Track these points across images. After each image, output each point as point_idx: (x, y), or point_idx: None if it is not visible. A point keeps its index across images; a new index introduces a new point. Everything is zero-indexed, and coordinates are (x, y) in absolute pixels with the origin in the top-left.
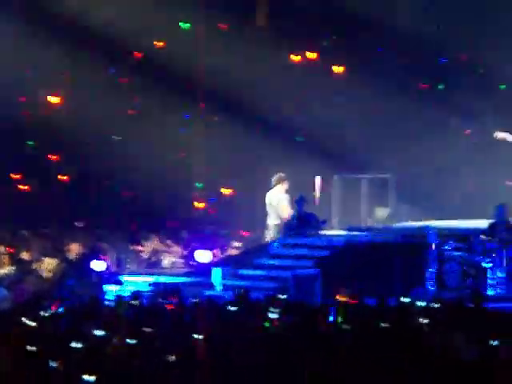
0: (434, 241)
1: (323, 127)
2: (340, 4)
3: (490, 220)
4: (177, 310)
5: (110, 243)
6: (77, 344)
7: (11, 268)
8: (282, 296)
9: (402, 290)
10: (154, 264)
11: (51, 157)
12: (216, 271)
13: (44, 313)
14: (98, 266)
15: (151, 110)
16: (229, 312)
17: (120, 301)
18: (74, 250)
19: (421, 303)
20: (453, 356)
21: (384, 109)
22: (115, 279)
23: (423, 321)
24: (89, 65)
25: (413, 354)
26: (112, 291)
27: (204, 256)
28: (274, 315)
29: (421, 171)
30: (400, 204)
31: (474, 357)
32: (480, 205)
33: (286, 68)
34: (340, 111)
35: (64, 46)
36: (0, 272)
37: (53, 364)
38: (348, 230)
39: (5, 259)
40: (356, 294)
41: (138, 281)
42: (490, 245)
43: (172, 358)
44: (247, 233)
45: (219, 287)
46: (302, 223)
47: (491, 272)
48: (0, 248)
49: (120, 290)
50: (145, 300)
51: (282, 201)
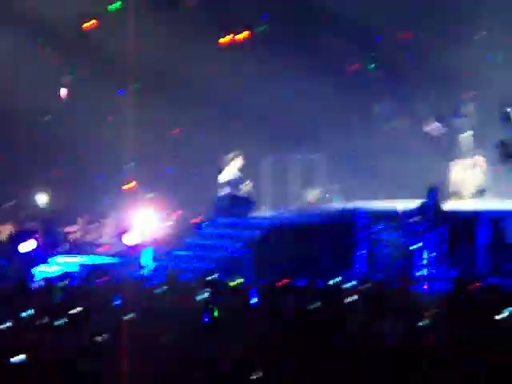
0: (364, 222)
1: (254, 109)
2: None
3: (420, 201)
4: (105, 291)
5: (40, 224)
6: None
7: None
8: (213, 276)
9: (332, 271)
10: (84, 245)
11: None
12: (146, 252)
13: None
14: (28, 247)
15: (81, 88)
16: (157, 292)
17: (48, 281)
18: (5, 231)
19: (350, 284)
20: (376, 341)
21: (315, 91)
22: (45, 260)
23: (351, 301)
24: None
25: (336, 337)
26: (41, 272)
27: (131, 238)
28: (205, 295)
29: (351, 153)
30: (330, 185)
31: (399, 342)
32: (411, 186)
33: (215, 52)
34: (269, 94)
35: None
36: None
37: None
38: (278, 212)
39: None
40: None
41: (68, 261)
42: (419, 226)
43: (100, 339)
44: (178, 212)
45: (149, 268)
46: (234, 204)
47: (420, 253)
48: None
49: (49, 271)
50: (74, 281)
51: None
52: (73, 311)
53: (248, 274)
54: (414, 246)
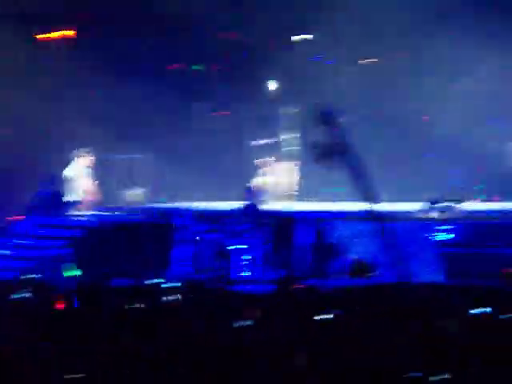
0: (187, 222)
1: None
2: None
3: (243, 202)
4: None
5: None
6: None
7: None
8: (31, 276)
9: (154, 271)
10: None
11: None
12: None
13: None
14: None
15: None
16: None
17: None
18: None
19: (171, 284)
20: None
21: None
22: None
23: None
24: None
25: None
26: None
27: None
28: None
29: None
30: (153, 185)
31: (217, 341)
32: (237, 187)
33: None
34: (87, 95)
35: None
36: None
37: None
38: (100, 210)
39: None
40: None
41: None
42: (241, 227)
43: None
44: None
45: None
46: (46, 202)
47: (243, 254)
48: None
49: None
50: None
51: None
52: None
53: (69, 274)
54: (237, 247)
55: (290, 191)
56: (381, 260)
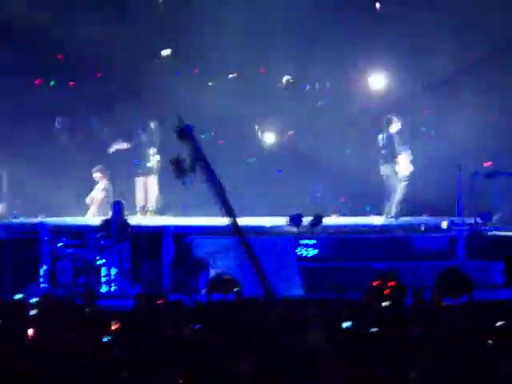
0: (47, 237)
1: None
2: None
3: (105, 216)
4: None
5: None
6: None
7: None
8: None
9: (14, 287)
10: None
11: None
12: None
13: None
14: None
15: None
16: None
17: None
18: None
19: (31, 300)
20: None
21: None
22: None
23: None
24: None
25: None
26: None
27: None
28: None
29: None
30: (13, 200)
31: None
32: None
33: None
34: None
35: None
36: None
37: None
38: None
39: None
40: None
41: None
42: (104, 242)
43: None
44: None
45: None
46: None
47: (105, 269)
48: None
49: None
50: None
51: None
52: None
53: None
54: (100, 262)
55: (152, 206)
56: (243, 275)
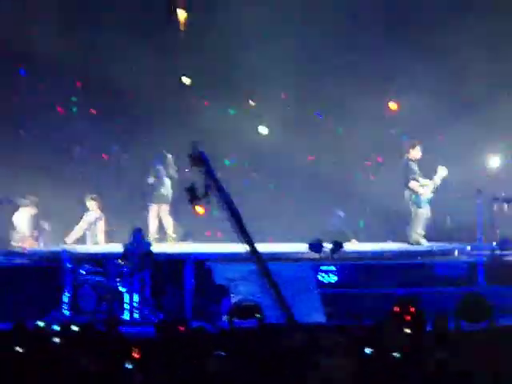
0: (69, 264)
1: None
2: None
3: (125, 244)
4: None
5: None
6: None
7: None
8: None
9: (37, 314)
10: None
11: None
12: None
13: None
14: None
15: None
16: None
17: None
18: None
19: (56, 327)
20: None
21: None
22: None
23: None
24: None
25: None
26: None
27: None
28: None
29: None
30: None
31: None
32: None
33: None
34: None
35: None
36: None
37: None
38: None
39: None
40: None
41: None
42: (125, 269)
43: None
44: None
45: None
46: None
47: (127, 296)
48: None
49: None
50: None
51: None
52: None
53: None
54: (121, 289)
55: (176, 233)
56: (265, 301)
